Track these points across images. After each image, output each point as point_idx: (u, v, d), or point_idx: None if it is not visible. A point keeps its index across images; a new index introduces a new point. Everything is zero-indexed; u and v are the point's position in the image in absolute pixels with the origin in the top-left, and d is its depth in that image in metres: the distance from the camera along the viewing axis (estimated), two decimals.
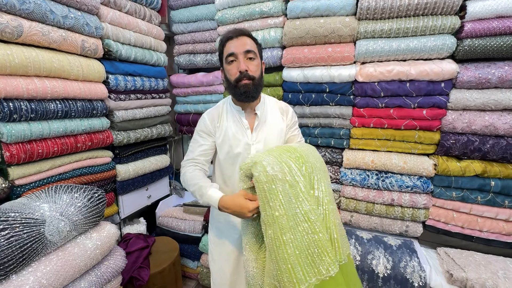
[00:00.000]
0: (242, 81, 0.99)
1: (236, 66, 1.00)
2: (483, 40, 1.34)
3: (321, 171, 0.99)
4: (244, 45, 0.99)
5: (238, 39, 1.00)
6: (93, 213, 1.17)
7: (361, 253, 1.49)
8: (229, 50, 1.00)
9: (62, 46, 1.30)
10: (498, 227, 1.46)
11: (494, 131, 1.39)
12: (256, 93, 1.04)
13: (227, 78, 1.05)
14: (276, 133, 1.13)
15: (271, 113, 1.14)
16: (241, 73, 0.99)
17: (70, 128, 1.37)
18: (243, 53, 0.99)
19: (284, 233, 0.82)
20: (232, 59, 1.00)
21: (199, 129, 1.15)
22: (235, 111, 1.12)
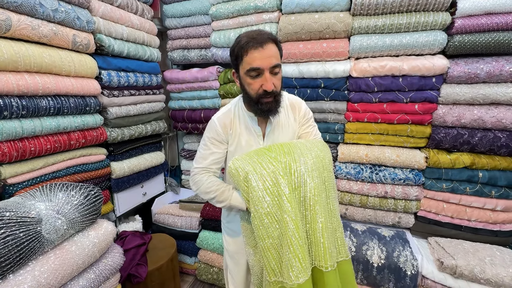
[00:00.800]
0: (265, 99, 0.91)
1: (260, 82, 0.89)
2: (472, 36, 1.38)
3: (316, 170, 0.90)
4: (271, 57, 0.87)
5: (264, 50, 0.85)
6: (90, 211, 1.15)
7: (356, 245, 1.53)
8: (253, 64, 0.86)
9: (53, 41, 1.27)
10: (485, 216, 1.52)
11: (482, 124, 1.45)
12: (278, 107, 0.97)
13: (246, 90, 0.94)
14: (290, 136, 1.07)
15: (284, 114, 1.05)
16: (266, 92, 0.89)
17: (62, 125, 1.34)
18: (269, 69, 0.87)
19: (261, 229, 0.87)
20: (256, 74, 0.88)
21: (210, 136, 1.06)
22: (247, 117, 1.03)
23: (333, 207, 0.94)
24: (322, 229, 0.85)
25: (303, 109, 1.09)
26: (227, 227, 1.21)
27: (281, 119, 1.04)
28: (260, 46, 0.85)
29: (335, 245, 0.92)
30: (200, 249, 1.97)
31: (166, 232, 2.02)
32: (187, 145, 2.35)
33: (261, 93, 0.90)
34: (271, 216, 0.86)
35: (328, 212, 0.91)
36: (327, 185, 0.93)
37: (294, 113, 1.07)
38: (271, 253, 0.86)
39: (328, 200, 0.93)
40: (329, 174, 0.95)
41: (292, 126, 1.07)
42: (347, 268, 0.93)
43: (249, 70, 0.88)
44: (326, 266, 0.84)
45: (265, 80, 0.87)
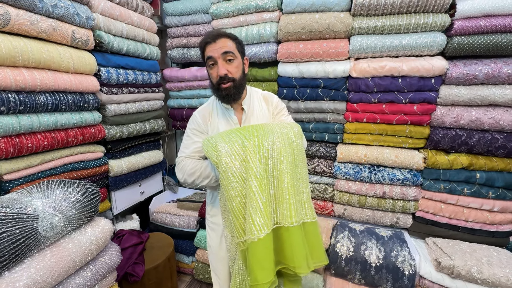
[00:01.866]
0: (223, 85, 1.02)
1: (215, 69, 1.02)
2: (471, 38, 1.39)
3: (286, 138, 0.97)
4: (222, 48, 1.00)
5: (216, 43, 1.00)
6: (87, 208, 1.14)
7: (355, 244, 1.53)
8: (208, 54, 1.02)
9: (52, 37, 1.26)
10: (482, 217, 1.53)
11: (480, 125, 1.46)
12: (237, 95, 1.07)
13: (210, 81, 1.09)
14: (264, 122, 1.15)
15: (258, 104, 1.17)
16: (220, 78, 1.01)
17: (60, 121, 1.32)
18: (221, 56, 1.00)
19: (230, 189, 0.93)
20: (212, 62, 1.02)
21: (191, 127, 1.17)
22: (223, 109, 1.14)
23: (301, 171, 0.99)
24: (288, 188, 0.92)
25: (275, 101, 1.21)
26: (211, 221, 1.23)
27: (255, 108, 1.16)
28: (213, 41, 1.01)
29: (302, 205, 0.97)
30: (197, 249, 1.96)
31: (163, 231, 2.01)
32: None
33: (218, 80, 1.02)
34: (238, 177, 0.92)
35: (295, 174, 0.96)
36: (295, 151, 0.98)
37: (267, 104, 1.19)
38: (240, 213, 0.92)
39: (296, 164, 0.98)
40: (298, 147, 0.99)
41: (266, 115, 1.17)
42: (313, 229, 0.97)
43: (206, 60, 1.03)
44: (291, 222, 0.90)
45: (218, 66, 1.01)
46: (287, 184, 0.92)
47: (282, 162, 0.93)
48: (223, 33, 1.04)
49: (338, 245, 1.54)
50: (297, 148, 0.99)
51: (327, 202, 1.88)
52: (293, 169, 0.96)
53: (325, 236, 1.60)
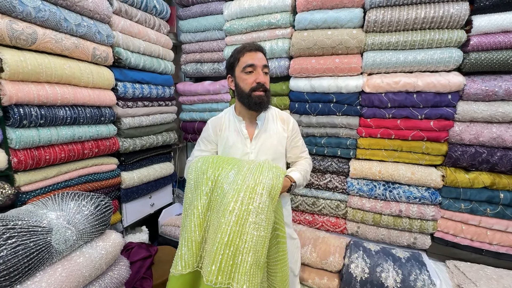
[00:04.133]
0: (257, 92, 1.05)
1: (254, 76, 1.05)
2: (489, 54, 1.36)
3: (246, 189, 0.91)
4: (263, 59, 1.07)
5: (257, 53, 1.06)
6: (100, 221, 1.14)
7: (370, 266, 1.46)
8: (248, 61, 1.05)
9: (74, 53, 1.31)
10: (508, 240, 1.44)
11: (502, 143, 1.40)
12: (268, 104, 1.11)
13: (240, 86, 1.08)
14: (276, 141, 1.16)
15: (272, 122, 1.18)
16: (258, 84, 1.04)
17: (78, 134, 1.36)
18: (262, 67, 1.06)
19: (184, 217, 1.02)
20: (251, 70, 1.05)
21: (202, 135, 1.24)
22: (236, 121, 1.17)
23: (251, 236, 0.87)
24: (227, 243, 0.87)
25: (291, 123, 1.21)
26: None
27: (269, 125, 1.16)
28: (254, 50, 1.07)
29: (237, 268, 0.86)
30: None
31: (172, 244, 1.98)
32: None
33: (254, 86, 1.05)
34: (188, 208, 0.99)
35: (239, 235, 0.88)
36: (258, 210, 0.89)
37: (283, 124, 1.19)
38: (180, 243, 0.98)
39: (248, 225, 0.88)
40: (252, 194, 0.91)
41: (280, 134, 1.17)
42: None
43: (245, 67, 1.05)
44: (208, 279, 0.84)
45: (258, 73, 1.05)
46: (227, 240, 0.86)
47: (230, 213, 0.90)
48: (263, 49, 1.10)
49: (353, 266, 1.47)
50: (261, 208, 0.90)
51: (339, 219, 1.83)
52: (239, 227, 0.88)
53: (338, 256, 1.54)
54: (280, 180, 0.95)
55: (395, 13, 1.47)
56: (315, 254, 1.57)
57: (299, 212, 1.93)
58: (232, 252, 0.86)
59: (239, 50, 1.09)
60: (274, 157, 1.14)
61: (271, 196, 0.92)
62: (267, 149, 1.14)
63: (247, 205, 0.89)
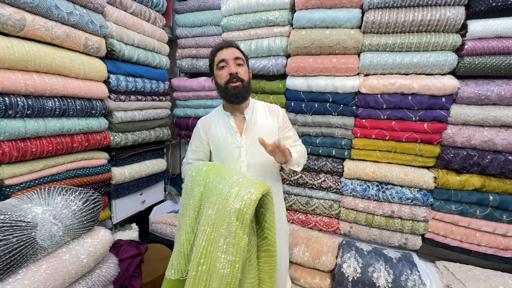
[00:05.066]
0: (232, 83, 1.08)
1: (226, 70, 1.10)
2: (482, 58, 1.39)
3: (217, 211, 0.92)
4: (234, 53, 1.11)
5: (227, 49, 1.11)
6: (88, 217, 1.10)
7: (362, 266, 1.46)
8: (220, 57, 1.10)
9: (65, 43, 1.26)
10: (496, 241, 1.47)
11: (493, 146, 1.42)
12: (246, 94, 1.12)
13: (218, 83, 1.14)
14: (268, 133, 1.16)
15: (261, 115, 1.20)
16: (231, 75, 1.08)
17: (67, 127, 1.31)
18: (233, 59, 1.10)
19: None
20: (223, 65, 1.10)
21: (193, 136, 1.28)
22: (225, 117, 1.19)
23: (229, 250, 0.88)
24: (196, 263, 0.91)
25: (281, 114, 1.24)
26: None
27: (258, 118, 1.18)
28: (224, 47, 1.12)
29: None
30: None
31: (162, 242, 1.94)
32: None
33: (228, 79, 1.08)
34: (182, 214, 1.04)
35: (210, 257, 0.90)
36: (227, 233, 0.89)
37: (272, 116, 1.21)
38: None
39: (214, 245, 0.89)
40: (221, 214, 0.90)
41: (271, 126, 1.19)
42: None
43: (218, 63, 1.10)
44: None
45: (230, 66, 1.09)
46: (198, 261, 0.90)
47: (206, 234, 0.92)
48: (234, 44, 1.16)
49: (345, 266, 1.47)
50: (229, 232, 0.87)
51: (332, 219, 1.83)
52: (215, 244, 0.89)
53: (330, 255, 1.54)
54: (250, 203, 0.87)
55: (392, 15, 1.48)
56: (307, 253, 1.56)
57: (293, 212, 1.92)
58: (204, 271, 0.89)
59: (212, 52, 1.15)
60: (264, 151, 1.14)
61: (239, 221, 0.87)
62: (257, 143, 1.11)
63: (218, 227, 0.90)
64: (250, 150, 1.15)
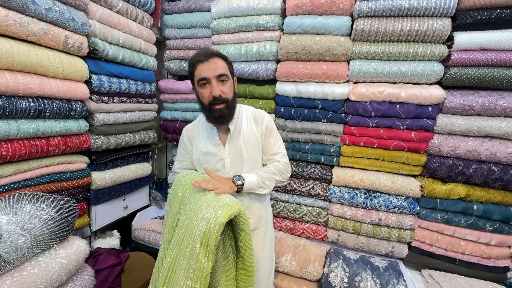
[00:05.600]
0: (216, 106, 0.99)
1: (209, 90, 0.99)
2: (468, 70, 1.41)
3: (185, 230, 0.87)
4: (216, 68, 0.98)
5: (209, 62, 0.97)
6: (61, 227, 1.03)
7: (349, 275, 1.44)
8: (200, 74, 0.98)
9: (42, 40, 1.19)
10: (479, 250, 1.49)
11: (477, 156, 1.45)
12: (230, 115, 1.05)
13: (200, 99, 1.05)
14: (252, 143, 1.11)
15: (246, 123, 1.13)
16: (214, 98, 0.98)
17: (42, 129, 1.23)
18: (215, 78, 0.98)
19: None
20: (204, 82, 0.99)
21: (179, 145, 1.23)
22: (209, 128, 1.13)
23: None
24: (161, 283, 0.87)
25: (266, 120, 1.14)
26: None
27: (243, 128, 1.11)
28: (206, 60, 0.98)
29: None
30: None
31: (145, 250, 1.86)
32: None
33: (211, 100, 0.99)
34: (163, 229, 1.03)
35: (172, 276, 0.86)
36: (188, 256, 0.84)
37: (256, 124, 1.13)
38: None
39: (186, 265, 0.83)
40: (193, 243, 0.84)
41: (255, 134, 1.12)
42: None
43: (199, 81, 1.00)
44: None
45: (212, 87, 0.98)
46: (163, 280, 0.87)
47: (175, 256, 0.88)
48: (216, 53, 1.01)
49: (332, 275, 1.45)
50: (191, 254, 0.82)
51: (320, 226, 1.81)
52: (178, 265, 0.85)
53: (318, 264, 1.51)
54: (215, 227, 0.81)
55: (382, 24, 1.49)
56: (294, 262, 1.53)
57: (280, 219, 1.89)
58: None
59: (190, 62, 1.02)
60: (250, 160, 1.10)
61: (203, 246, 0.81)
62: (242, 153, 1.09)
63: (184, 248, 0.84)
64: (234, 161, 1.10)
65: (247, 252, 0.94)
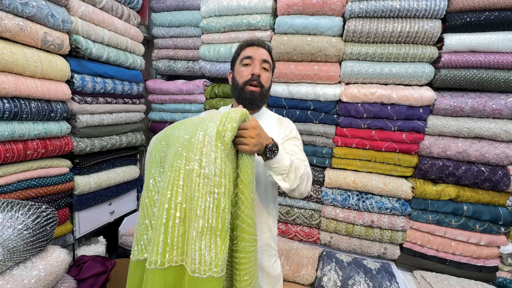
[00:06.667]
0: (251, 87, 0.95)
1: (250, 69, 0.96)
2: (457, 71, 1.42)
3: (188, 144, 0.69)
4: (263, 54, 0.98)
5: (259, 48, 0.98)
6: (38, 236, 0.96)
7: (342, 279, 1.43)
8: (247, 53, 0.97)
9: (18, 37, 1.12)
10: (469, 250, 1.50)
11: (467, 157, 1.46)
12: (261, 102, 0.99)
13: (236, 80, 0.99)
14: None
15: (268, 124, 1.04)
16: (252, 76, 0.94)
17: (18, 132, 1.15)
18: (260, 61, 0.97)
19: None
20: (248, 62, 0.97)
21: None
22: None
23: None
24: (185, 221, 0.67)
25: (290, 127, 1.05)
26: None
27: (265, 125, 1.00)
28: (256, 45, 0.99)
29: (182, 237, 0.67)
30: None
31: None
32: None
33: (248, 79, 0.95)
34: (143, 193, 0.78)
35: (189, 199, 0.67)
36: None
37: (280, 127, 1.04)
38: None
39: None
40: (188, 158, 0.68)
41: (274, 137, 0.96)
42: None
43: (243, 59, 0.97)
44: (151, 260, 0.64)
45: (255, 66, 0.95)
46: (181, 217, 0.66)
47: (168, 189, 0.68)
48: (268, 45, 1.02)
49: (325, 279, 1.42)
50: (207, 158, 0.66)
51: (313, 229, 1.79)
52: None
53: (310, 268, 1.49)
54: (228, 122, 0.69)
55: (373, 25, 1.48)
56: (287, 267, 1.50)
57: None
58: (180, 219, 0.66)
59: (240, 45, 1.02)
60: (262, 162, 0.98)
61: (220, 142, 0.67)
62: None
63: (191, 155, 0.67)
64: None
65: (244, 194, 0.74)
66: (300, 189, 0.88)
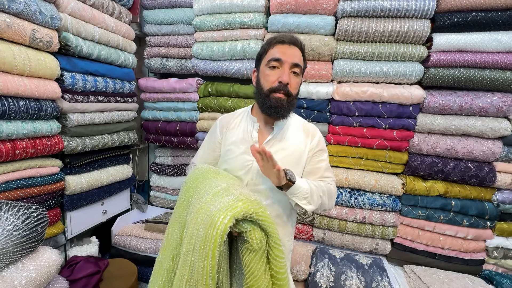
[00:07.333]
0: (277, 94, 0.84)
1: (277, 74, 0.85)
2: (446, 70, 1.46)
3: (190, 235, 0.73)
4: (295, 56, 0.86)
5: (290, 47, 0.86)
6: (29, 237, 0.95)
7: (335, 274, 1.45)
8: (275, 54, 0.85)
9: (5, 34, 1.09)
10: (457, 245, 1.55)
11: (455, 154, 1.50)
12: (287, 112, 0.89)
13: (260, 83, 0.89)
14: (294, 156, 0.92)
15: (293, 132, 0.94)
16: (279, 84, 0.84)
17: (7, 131, 1.13)
18: (290, 64, 0.85)
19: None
20: (276, 65, 0.86)
21: (208, 133, 1.07)
22: (249, 121, 0.96)
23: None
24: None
25: (317, 137, 0.96)
26: None
27: (288, 134, 0.93)
28: (287, 43, 0.85)
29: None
30: None
31: (126, 257, 1.78)
32: (159, 158, 2.17)
33: (275, 86, 0.85)
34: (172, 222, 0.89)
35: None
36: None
37: (306, 136, 0.95)
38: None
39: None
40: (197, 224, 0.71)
41: (300, 148, 0.93)
42: None
43: (270, 60, 0.86)
44: None
45: (283, 71, 0.84)
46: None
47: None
48: (300, 43, 0.88)
49: (318, 275, 1.45)
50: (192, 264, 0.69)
51: (306, 226, 1.81)
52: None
53: (304, 264, 1.51)
54: (215, 231, 0.66)
55: (364, 24, 1.50)
56: None
57: None
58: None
59: (269, 41, 0.89)
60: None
61: (201, 252, 0.67)
62: (280, 163, 0.82)
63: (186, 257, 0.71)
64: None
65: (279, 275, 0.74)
66: (320, 208, 0.92)
